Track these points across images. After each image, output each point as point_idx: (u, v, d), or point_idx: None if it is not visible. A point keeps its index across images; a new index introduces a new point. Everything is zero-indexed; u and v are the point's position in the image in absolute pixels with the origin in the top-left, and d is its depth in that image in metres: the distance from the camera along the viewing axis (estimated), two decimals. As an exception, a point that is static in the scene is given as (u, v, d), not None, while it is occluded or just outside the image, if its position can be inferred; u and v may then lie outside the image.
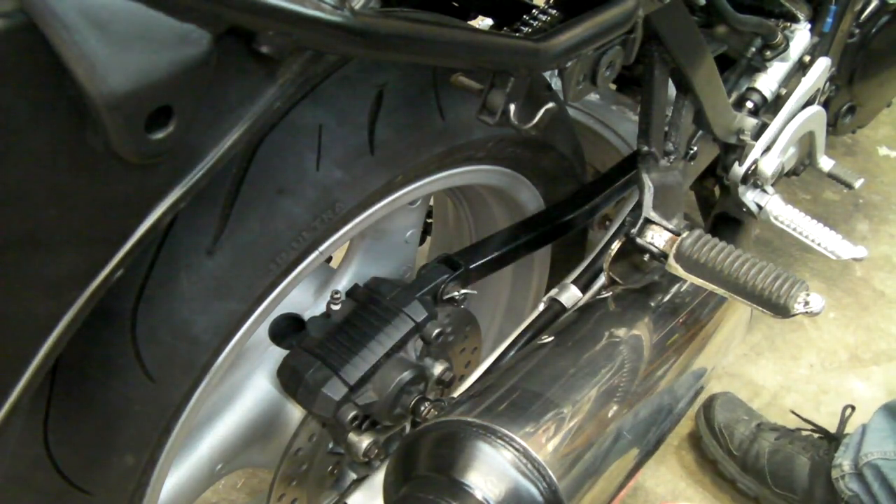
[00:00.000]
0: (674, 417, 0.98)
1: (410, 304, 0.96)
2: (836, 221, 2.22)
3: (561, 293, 1.09)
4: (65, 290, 0.54)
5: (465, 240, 1.30)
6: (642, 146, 1.05)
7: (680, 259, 0.95)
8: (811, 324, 1.93)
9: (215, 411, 1.01)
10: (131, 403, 0.75)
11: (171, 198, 0.56)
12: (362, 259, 1.12)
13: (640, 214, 1.01)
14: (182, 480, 0.97)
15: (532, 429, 0.81)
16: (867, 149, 2.49)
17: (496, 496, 0.78)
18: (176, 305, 0.74)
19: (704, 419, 1.62)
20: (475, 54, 0.70)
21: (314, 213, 0.80)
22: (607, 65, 0.84)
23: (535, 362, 0.92)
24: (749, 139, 1.26)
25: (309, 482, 1.02)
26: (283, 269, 0.81)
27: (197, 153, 0.57)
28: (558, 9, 0.79)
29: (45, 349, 0.54)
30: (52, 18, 0.43)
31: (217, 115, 0.56)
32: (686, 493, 1.58)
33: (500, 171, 1.05)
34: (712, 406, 1.62)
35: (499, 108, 0.74)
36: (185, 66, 0.49)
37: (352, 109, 0.82)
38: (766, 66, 1.30)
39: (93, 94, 0.46)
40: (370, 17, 0.57)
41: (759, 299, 0.90)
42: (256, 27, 0.52)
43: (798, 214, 1.32)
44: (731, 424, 1.58)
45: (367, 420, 0.97)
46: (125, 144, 0.49)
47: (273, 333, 1.01)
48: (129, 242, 0.55)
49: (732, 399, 1.64)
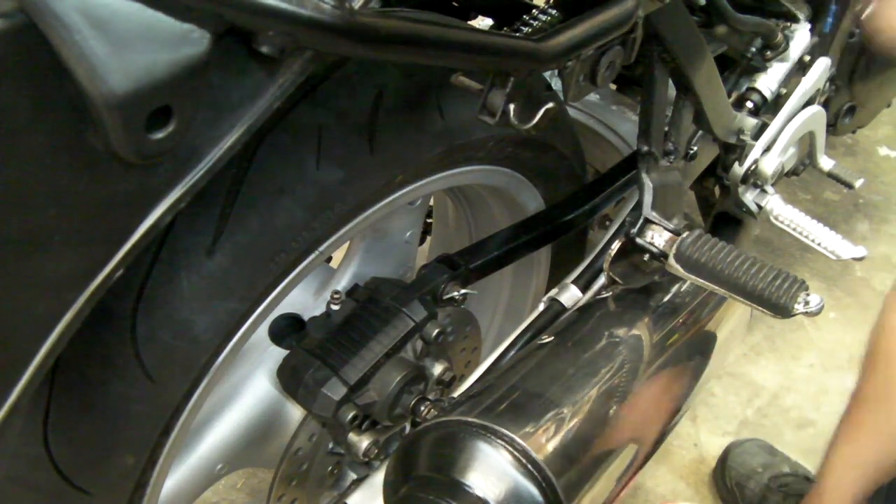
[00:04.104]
0: (673, 417, 0.98)
1: (410, 303, 0.96)
2: (836, 221, 2.22)
3: (561, 293, 1.09)
4: (65, 290, 0.54)
5: (465, 240, 1.30)
6: (642, 146, 1.05)
7: (680, 259, 0.95)
8: (811, 324, 1.93)
9: (215, 411, 1.01)
10: (131, 403, 0.75)
11: (171, 198, 0.56)
12: (362, 259, 1.12)
13: (640, 214, 1.01)
14: (182, 480, 0.98)
15: (532, 429, 0.81)
16: (867, 149, 2.49)
17: (496, 496, 0.78)
18: (176, 305, 0.74)
19: (720, 473, 1.56)
20: (475, 54, 0.70)
21: (314, 213, 0.80)
22: (607, 65, 0.84)
23: (535, 362, 0.92)
24: (749, 139, 1.26)
25: (309, 482, 1.02)
26: (283, 269, 0.81)
27: (197, 153, 0.57)
28: (558, 9, 0.79)
29: (45, 349, 0.54)
30: (52, 18, 0.43)
31: (217, 115, 0.56)
32: (686, 494, 1.58)
33: (500, 171, 1.05)
34: (727, 458, 1.55)
35: (499, 108, 0.74)
36: (185, 66, 0.49)
37: (352, 109, 0.82)
38: (766, 66, 1.30)
39: (93, 94, 0.46)
40: (370, 17, 0.57)
41: (759, 299, 0.90)
42: (256, 27, 0.52)
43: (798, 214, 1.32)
44: (743, 482, 1.51)
45: (367, 420, 0.97)
46: (125, 144, 0.49)
47: (273, 333, 1.01)
48: (129, 242, 0.55)
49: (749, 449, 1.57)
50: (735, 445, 1.58)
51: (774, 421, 1.73)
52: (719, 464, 1.58)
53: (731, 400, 1.77)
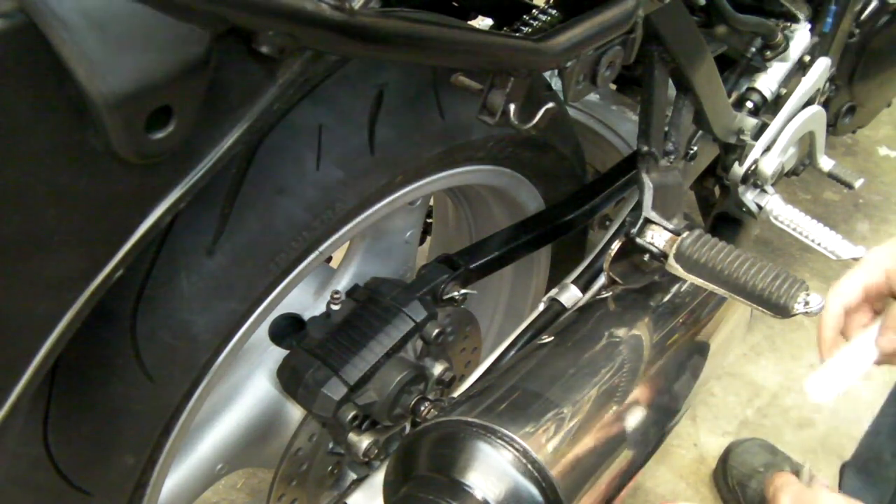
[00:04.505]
0: (673, 417, 0.98)
1: (410, 304, 0.96)
2: (836, 221, 2.22)
3: (561, 293, 1.09)
4: (65, 290, 0.54)
5: (465, 240, 1.30)
6: (642, 146, 1.05)
7: (680, 259, 0.95)
8: (811, 324, 1.93)
9: (215, 411, 1.01)
10: (131, 403, 0.75)
11: (171, 198, 0.56)
12: (362, 259, 1.12)
13: (640, 214, 1.01)
14: (182, 480, 0.97)
15: (532, 429, 0.81)
16: (867, 149, 2.49)
17: (496, 496, 0.78)
18: (176, 305, 0.74)
19: (721, 473, 1.55)
20: (475, 54, 0.70)
21: (314, 213, 0.80)
22: (607, 65, 0.84)
23: (535, 362, 0.92)
24: (749, 139, 1.26)
25: (309, 482, 1.02)
26: (283, 269, 0.81)
27: (197, 153, 0.57)
28: (558, 9, 0.79)
29: (45, 349, 0.54)
30: (52, 18, 0.43)
31: (217, 115, 0.56)
32: (686, 494, 1.58)
33: (500, 171, 1.05)
34: (728, 458, 1.54)
35: (499, 108, 0.74)
36: (185, 66, 0.49)
37: (352, 109, 0.82)
38: (766, 66, 1.30)
39: (93, 94, 0.46)
40: (370, 16, 0.57)
41: (759, 299, 0.90)
42: (256, 27, 0.52)
43: (798, 214, 1.32)
44: (745, 481, 1.50)
45: (367, 420, 0.97)
46: (125, 144, 0.49)
47: (273, 333, 1.01)
48: (129, 242, 0.55)
49: (750, 448, 1.55)
50: (736, 445, 1.57)
51: (774, 421, 1.73)
52: (720, 463, 1.57)
53: (731, 400, 1.77)
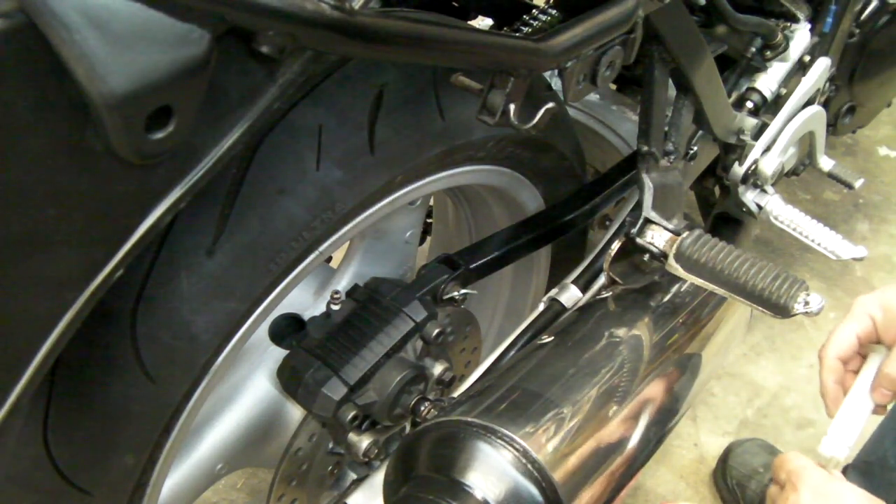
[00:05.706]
0: (674, 417, 0.98)
1: (410, 304, 0.96)
2: (836, 221, 2.22)
3: (561, 293, 1.09)
4: (65, 290, 0.54)
5: (465, 240, 1.30)
6: (642, 146, 1.05)
7: (680, 259, 0.95)
8: (811, 324, 1.93)
9: (215, 411, 1.01)
10: (131, 403, 0.75)
11: (171, 198, 0.56)
12: (362, 259, 1.12)
13: (640, 214, 1.01)
14: (182, 480, 0.97)
15: (532, 429, 0.81)
16: (867, 149, 2.49)
17: (496, 496, 0.78)
18: (176, 305, 0.74)
19: (721, 473, 1.55)
20: (475, 54, 0.70)
21: (314, 213, 0.80)
22: (607, 65, 0.84)
23: (535, 362, 0.92)
24: (749, 139, 1.26)
25: (309, 482, 1.02)
26: (283, 269, 0.81)
27: (197, 153, 0.57)
28: (558, 9, 0.79)
29: (45, 349, 0.54)
30: (52, 18, 0.43)
31: (217, 115, 0.56)
32: (686, 494, 1.58)
33: (500, 171, 1.05)
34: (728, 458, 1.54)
35: (499, 108, 0.74)
36: (185, 66, 0.49)
37: (352, 109, 0.82)
38: (766, 66, 1.30)
39: (93, 94, 0.46)
40: (370, 16, 0.57)
41: (759, 299, 0.90)
42: (256, 27, 0.52)
43: (798, 214, 1.32)
44: (745, 481, 1.50)
45: (367, 420, 0.97)
46: (125, 144, 0.49)
47: (273, 333, 1.01)
48: (129, 242, 0.55)
49: (750, 448, 1.55)
50: (736, 445, 1.57)
51: (774, 421, 1.73)
52: (720, 464, 1.57)
53: (731, 400, 1.77)
